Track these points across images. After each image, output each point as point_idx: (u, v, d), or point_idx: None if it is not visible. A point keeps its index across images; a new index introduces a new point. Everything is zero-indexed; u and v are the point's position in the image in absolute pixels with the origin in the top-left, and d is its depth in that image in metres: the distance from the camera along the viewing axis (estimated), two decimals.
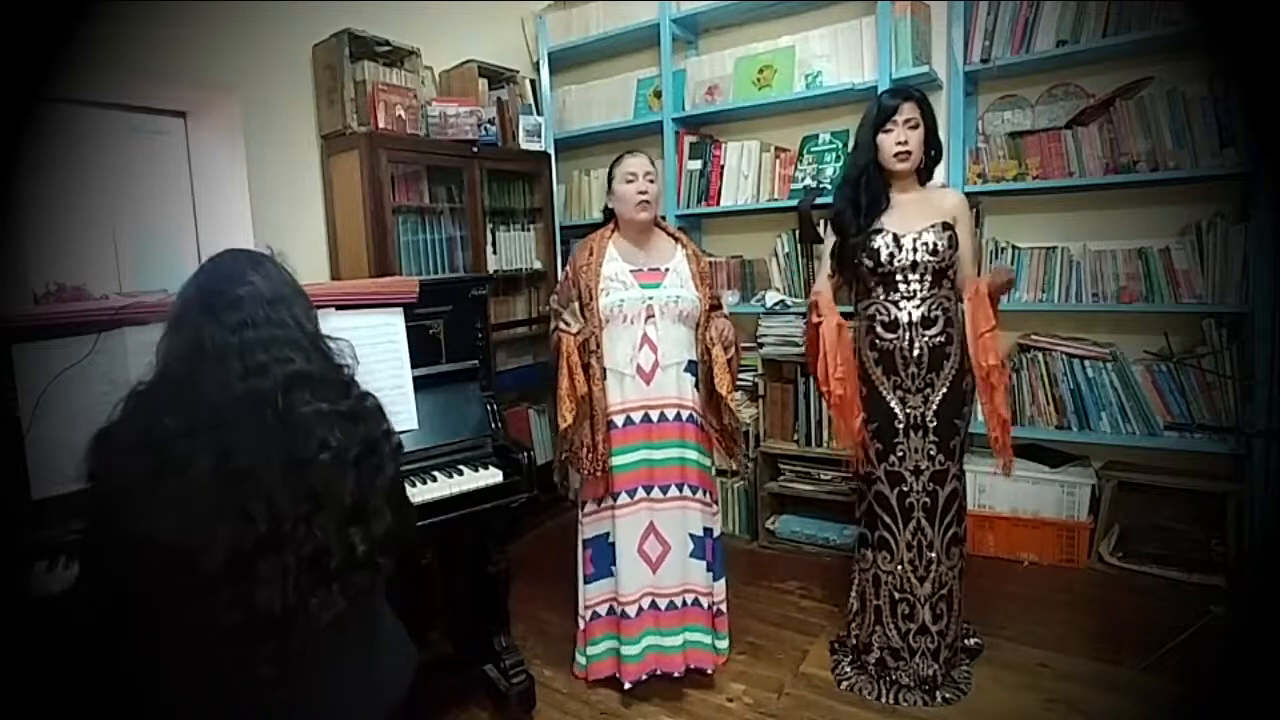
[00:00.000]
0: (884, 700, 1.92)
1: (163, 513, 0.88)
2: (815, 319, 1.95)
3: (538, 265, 3.19)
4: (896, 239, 1.90)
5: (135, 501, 0.89)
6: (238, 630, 0.89)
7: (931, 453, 1.92)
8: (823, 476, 2.89)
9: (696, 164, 3.13)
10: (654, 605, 1.99)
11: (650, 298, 1.96)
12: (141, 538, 0.88)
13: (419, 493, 1.68)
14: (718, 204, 3.10)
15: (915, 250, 1.88)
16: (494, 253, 3.02)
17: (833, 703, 1.96)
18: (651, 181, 2.01)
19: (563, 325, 1.95)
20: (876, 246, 1.91)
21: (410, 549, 1.12)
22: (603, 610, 2.05)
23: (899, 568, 1.97)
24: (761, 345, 2.95)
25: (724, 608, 2.12)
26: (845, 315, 1.96)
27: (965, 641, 2.08)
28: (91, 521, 0.99)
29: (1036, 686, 1.95)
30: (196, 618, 0.89)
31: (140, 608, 0.91)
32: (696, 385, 2.01)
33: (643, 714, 1.96)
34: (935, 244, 1.87)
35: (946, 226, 1.89)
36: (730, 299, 3.11)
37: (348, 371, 1.06)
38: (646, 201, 1.99)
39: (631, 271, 1.99)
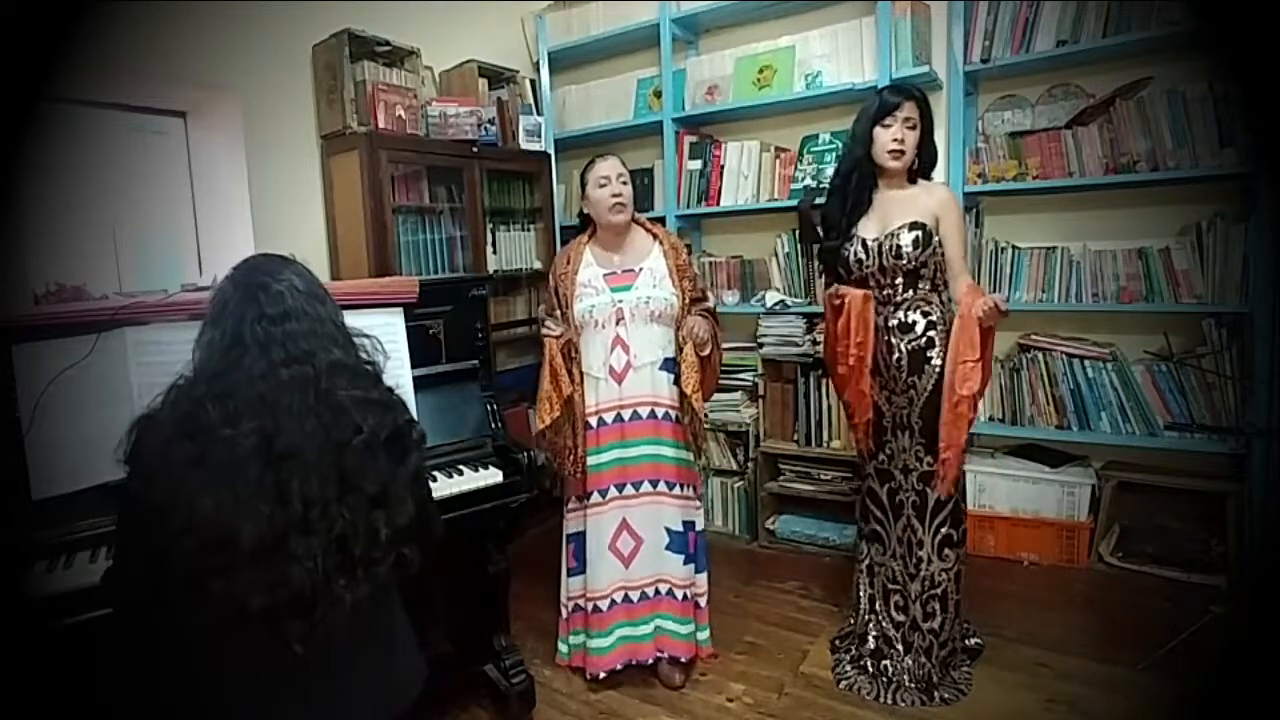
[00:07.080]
0: (882, 700, 1.93)
1: (204, 491, 0.91)
2: (836, 301, 1.94)
3: (538, 265, 3.19)
4: (865, 244, 1.91)
5: (177, 480, 0.92)
6: (268, 609, 0.92)
7: (920, 453, 1.92)
8: (822, 476, 2.89)
9: (696, 164, 3.13)
10: (626, 599, 2.02)
11: (620, 300, 1.99)
12: (182, 515, 0.91)
13: None
14: (718, 204, 3.09)
15: (880, 254, 1.89)
16: (494, 253, 3.02)
17: (832, 702, 1.96)
18: (625, 183, 2.03)
19: (545, 329, 2.01)
20: (846, 254, 1.94)
21: (439, 543, 1.15)
22: (579, 604, 2.09)
23: (891, 561, 1.99)
24: (761, 345, 2.94)
25: (703, 601, 2.12)
26: None
27: (965, 641, 2.08)
28: (130, 500, 1.00)
29: (1036, 686, 1.95)
30: (229, 595, 0.91)
31: (175, 586, 0.94)
32: (675, 382, 2.01)
33: (643, 714, 1.96)
34: (901, 247, 1.87)
35: (916, 226, 1.87)
36: (730, 299, 3.12)
37: (375, 367, 1.11)
38: (621, 204, 2.01)
39: (605, 276, 2.02)
